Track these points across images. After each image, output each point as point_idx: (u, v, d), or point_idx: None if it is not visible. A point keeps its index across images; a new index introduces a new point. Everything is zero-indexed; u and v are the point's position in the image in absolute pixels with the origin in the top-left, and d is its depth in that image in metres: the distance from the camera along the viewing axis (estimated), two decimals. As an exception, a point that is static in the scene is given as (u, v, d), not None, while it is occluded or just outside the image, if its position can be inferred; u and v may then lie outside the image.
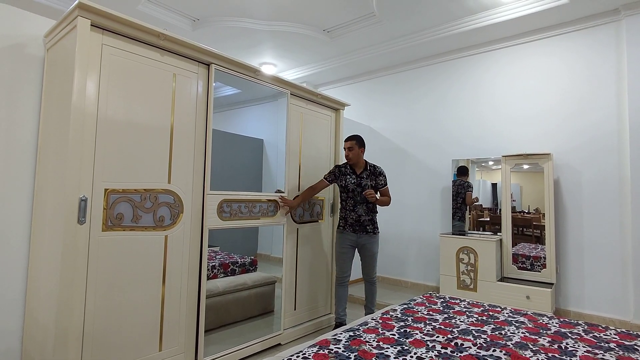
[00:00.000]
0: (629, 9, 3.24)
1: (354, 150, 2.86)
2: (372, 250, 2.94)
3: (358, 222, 2.90)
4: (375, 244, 2.95)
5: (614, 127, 3.34)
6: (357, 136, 2.91)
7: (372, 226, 2.93)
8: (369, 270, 2.97)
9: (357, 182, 2.88)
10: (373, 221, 2.95)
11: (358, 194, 2.88)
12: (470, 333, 1.73)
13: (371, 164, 2.95)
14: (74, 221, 1.72)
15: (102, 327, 1.83)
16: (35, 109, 2.04)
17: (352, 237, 2.93)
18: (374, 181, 2.89)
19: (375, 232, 2.95)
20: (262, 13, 3.87)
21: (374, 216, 2.96)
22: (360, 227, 2.90)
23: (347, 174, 2.92)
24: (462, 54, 4.28)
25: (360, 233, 2.91)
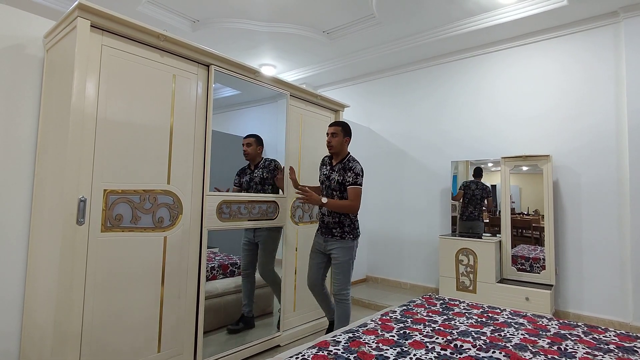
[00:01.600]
0: (627, 12, 3.25)
1: (337, 137, 2.50)
2: (338, 258, 2.46)
3: (323, 222, 2.54)
4: (343, 251, 2.45)
5: (613, 129, 3.34)
6: (343, 122, 2.58)
7: (340, 230, 2.47)
8: (334, 282, 2.50)
9: (327, 174, 2.54)
10: (342, 224, 2.47)
11: (325, 189, 2.55)
12: (469, 334, 1.73)
13: (350, 157, 2.53)
14: (73, 222, 1.72)
15: (100, 328, 1.82)
16: (35, 109, 2.03)
17: (320, 240, 2.58)
18: (342, 176, 2.45)
19: (345, 237, 2.45)
20: (262, 14, 3.87)
21: (342, 218, 2.47)
22: (327, 230, 2.52)
23: (325, 164, 2.61)
24: (461, 56, 4.29)
25: (326, 236, 2.52)
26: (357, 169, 2.44)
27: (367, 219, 4.91)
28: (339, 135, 2.51)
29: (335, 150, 2.53)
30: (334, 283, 2.50)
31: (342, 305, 2.48)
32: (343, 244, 2.46)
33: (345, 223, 2.48)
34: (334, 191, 2.48)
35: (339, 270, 2.47)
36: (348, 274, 2.48)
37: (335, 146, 2.51)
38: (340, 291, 2.47)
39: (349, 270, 2.49)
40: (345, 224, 2.48)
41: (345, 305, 2.48)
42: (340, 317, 2.48)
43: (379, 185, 4.88)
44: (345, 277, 2.47)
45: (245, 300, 2.87)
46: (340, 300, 2.48)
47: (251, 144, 2.85)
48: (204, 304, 2.27)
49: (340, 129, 2.52)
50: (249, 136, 2.88)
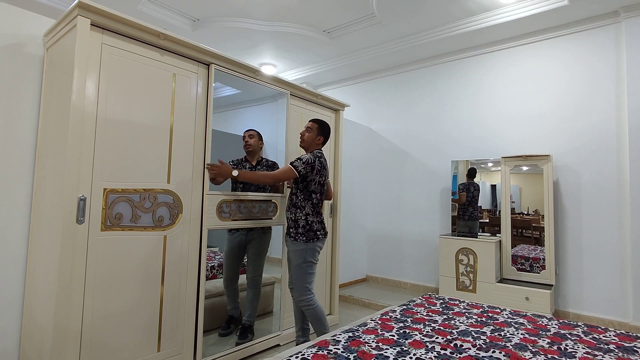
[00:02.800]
0: (628, 11, 3.25)
1: (312, 132, 2.41)
2: (292, 261, 2.32)
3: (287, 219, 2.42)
4: (295, 254, 2.28)
5: (613, 129, 3.34)
6: (322, 121, 2.47)
7: (294, 230, 2.30)
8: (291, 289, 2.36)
9: None
10: (296, 224, 2.30)
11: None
12: (469, 334, 1.73)
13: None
14: (73, 221, 1.72)
15: (100, 327, 1.82)
16: (35, 108, 2.03)
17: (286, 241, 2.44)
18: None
19: (297, 238, 2.27)
20: (262, 13, 3.87)
21: (298, 216, 2.30)
22: (286, 228, 2.42)
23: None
24: (461, 55, 4.28)
25: (286, 236, 2.40)
26: (304, 157, 2.30)
27: (366, 218, 4.91)
28: (314, 131, 2.41)
29: (305, 145, 2.43)
30: (293, 289, 2.34)
31: (308, 312, 2.27)
32: (295, 246, 2.28)
33: (300, 223, 2.29)
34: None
35: (293, 272, 2.31)
36: (303, 278, 2.26)
37: (306, 140, 2.41)
38: (298, 298, 2.27)
39: (303, 274, 2.26)
40: (299, 224, 2.29)
41: (310, 311, 2.26)
42: (313, 323, 2.30)
43: (379, 184, 4.88)
44: (302, 282, 2.26)
45: (233, 304, 2.77)
46: (302, 307, 2.28)
47: (254, 135, 2.79)
48: (204, 303, 2.27)
49: (317, 126, 2.43)
50: (252, 129, 2.83)
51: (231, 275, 2.79)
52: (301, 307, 2.30)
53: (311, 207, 2.34)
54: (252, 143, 2.76)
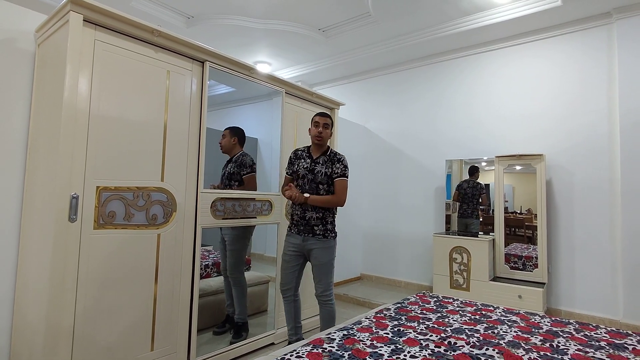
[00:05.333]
0: (620, 12, 3.28)
1: (328, 129, 2.37)
2: (320, 259, 2.30)
3: (303, 219, 2.32)
4: (326, 252, 2.31)
5: (605, 129, 3.38)
6: (330, 115, 2.49)
7: (323, 227, 2.31)
8: (317, 284, 2.35)
9: (310, 167, 2.35)
10: (324, 221, 2.32)
11: (308, 182, 2.33)
12: (463, 332, 1.74)
13: (334, 151, 2.42)
14: (65, 219, 1.70)
15: (93, 326, 1.81)
16: (26, 104, 2.00)
17: (296, 241, 2.35)
18: (329, 168, 2.32)
19: (327, 236, 2.31)
20: (258, 11, 3.85)
21: (326, 215, 2.33)
22: (306, 228, 2.32)
23: (302, 158, 2.42)
24: (456, 55, 4.30)
25: (305, 235, 2.32)
26: (345, 161, 2.37)
27: (361, 216, 4.92)
28: (330, 127, 2.38)
29: (323, 142, 2.38)
30: (317, 285, 2.35)
31: (327, 307, 2.35)
32: (325, 244, 2.31)
33: (328, 220, 2.33)
34: (320, 184, 2.31)
35: (321, 271, 2.33)
36: (331, 275, 2.36)
37: (324, 138, 2.36)
38: (324, 292, 2.34)
39: (332, 271, 2.37)
40: (327, 221, 2.33)
41: (330, 307, 2.35)
42: (325, 318, 2.36)
43: (374, 183, 4.89)
44: (328, 278, 2.34)
45: (229, 300, 2.76)
46: (324, 302, 2.35)
47: (225, 135, 2.73)
48: (198, 302, 2.26)
49: (331, 121, 2.40)
50: (226, 129, 2.76)
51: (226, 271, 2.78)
52: (324, 301, 2.34)
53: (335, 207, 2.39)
54: (223, 143, 2.72)
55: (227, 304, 2.78)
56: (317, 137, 2.35)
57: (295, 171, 2.40)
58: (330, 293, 2.34)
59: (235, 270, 2.71)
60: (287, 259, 2.39)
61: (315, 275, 2.36)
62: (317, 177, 2.32)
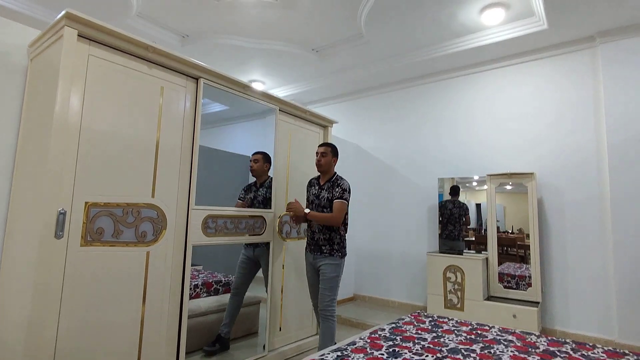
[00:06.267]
0: (603, 36, 3.40)
1: (327, 157, 2.60)
2: (326, 273, 2.47)
3: (313, 240, 2.58)
4: (332, 267, 2.47)
5: (593, 149, 3.44)
6: (331, 144, 2.71)
7: (329, 247, 2.51)
8: (321, 298, 2.47)
9: (317, 193, 2.62)
10: (331, 242, 2.52)
11: (315, 207, 2.59)
12: (459, 352, 1.70)
13: (338, 177, 2.62)
14: (51, 235, 1.65)
15: (76, 348, 1.72)
16: (16, 118, 1.97)
17: (310, 259, 2.60)
18: (330, 193, 2.54)
19: (333, 254, 2.49)
20: (252, 31, 3.91)
21: (333, 235, 2.52)
22: (316, 247, 2.55)
23: (313, 185, 2.70)
24: (447, 76, 4.39)
25: (315, 254, 2.55)
26: (344, 185, 2.55)
27: (354, 235, 4.88)
28: (328, 155, 2.62)
29: (323, 169, 2.62)
30: (321, 299, 2.46)
31: (328, 323, 2.42)
32: (331, 260, 2.49)
33: (335, 241, 2.53)
34: (324, 208, 2.55)
35: (325, 285, 2.46)
36: (335, 290, 2.49)
37: (324, 165, 2.60)
38: (327, 307, 2.44)
39: (336, 286, 2.50)
40: (334, 241, 2.53)
41: (331, 322, 2.43)
42: (325, 334, 2.41)
43: (367, 201, 4.88)
44: (332, 293, 2.46)
45: (227, 319, 2.76)
46: (326, 317, 2.43)
47: (258, 160, 2.87)
48: (187, 323, 2.18)
49: (330, 149, 2.64)
50: (257, 153, 2.90)
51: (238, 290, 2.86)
52: (325, 316, 2.44)
53: (343, 228, 2.58)
54: (255, 168, 2.87)
55: (223, 324, 2.73)
56: (317, 164, 2.62)
57: (307, 197, 2.71)
58: (332, 309, 2.45)
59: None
60: (309, 275, 2.65)
61: (320, 289, 2.49)
62: (321, 202, 2.57)
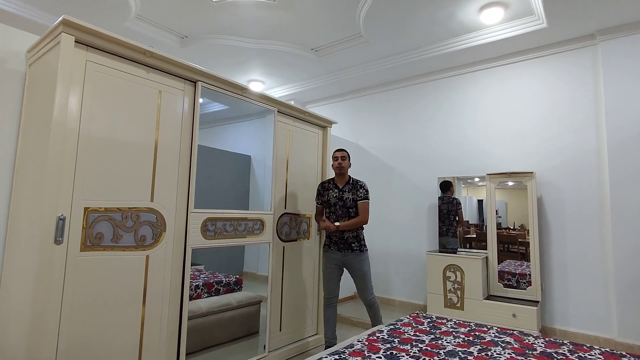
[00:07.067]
0: (603, 34, 3.38)
1: (346, 160, 2.88)
2: (362, 269, 2.80)
3: (342, 239, 2.82)
4: (364, 263, 2.81)
5: (593, 147, 3.43)
6: (345, 149, 2.96)
7: (358, 244, 2.82)
8: (363, 292, 2.83)
9: (339, 195, 2.85)
10: (359, 238, 2.84)
11: (340, 208, 2.82)
12: (456, 355, 1.71)
13: (354, 179, 2.91)
14: (51, 241, 1.66)
15: (77, 351, 1.74)
16: (14, 124, 1.98)
17: (337, 256, 2.83)
18: (354, 194, 2.83)
19: (363, 250, 2.83)
20: (251, 31, 3.91)
21: (359, 232, 2.85)
22: (345, 245, 2.81)
23: (330, 189, 2.90)
24: (446, 75, 4.38)
25: (345, 251, 2.81)
26: (366, 186, 2.90)
27: (355, 234, 4.88)
28: (347, 159, 2.89)
29: (343, 172, 2.87)
30: (366, 292, 2.82)
31: (375, 307, 2.87)
32: (362, 257, 2.81)
33: (361, 237, 2.87)
34: (350, 208, 2.82)
35: (365, 280, 2.81)
36: (371, 281, 2.86)
37: (344, 168, 2.86)
38: (371, 296, 2.84)
39: (370, 277, 2.87)
40: (361, 237, 2.86)
41: (377, 306, 2.89)
42: (376, 315, 2.86)
43: (367, 200, 4.88)
44: (370, 284, 2.85)
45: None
46: (372, 304, 2.85)
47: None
48: (187, 324, 2.20)
49: (347, 153, 2.92)
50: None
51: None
52: (372, 303, 2.85)
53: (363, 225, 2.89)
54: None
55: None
56: (338, 168, 2.86)
57: (326, 201, 2.89)
58: (374, 296, 2.88)
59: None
60: (330, 271, 2.86)
61: (359, 284, 2.84)
62: (346, 203, 2.82)
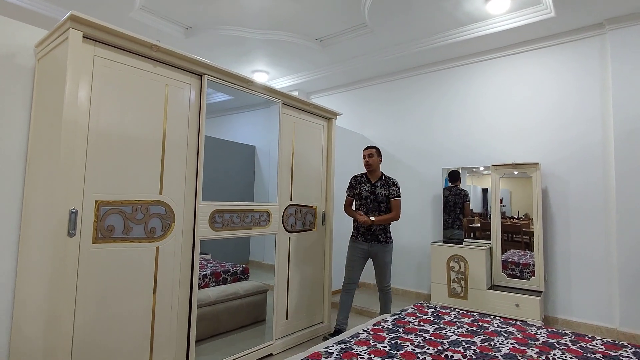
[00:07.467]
0: (612, 23, 3.33)
1: (373, 157, 3.03)
2: (385, 259, 3.01)
3: (369, 231, 3.00)
4: (388, 254, 3.02)
5: (599, 138, 3.42)
6: (375, 146, 3.12)
7: (385, 235, 3.01)
8: (381, 279, 3.05)
9: (371, 189, 3.02)
10: (385, 230, 3.03)
11: (371, 202, 2.99)
12: (460, 344, 1.75)
13: (387, 176, 3.09)
14: (64, 234, 1.71)
15: (91, 340, 1.81)
16: (25, 119, 2.02)
17: (364, 247, 3.02)
18: (387, 190, 3.01)
19: (388, 242, 3.03)
20: (255, 22, 3.89)
21: (386, 225, 3.04)
22: (372, 237, 3.00)
23: (362, 182, 3.09)
24: (452, 64, 4.35)
25: (372, 242, 3.00)
26: (397, 183, 3.09)
27: (359, 224, 4.92)
28: (374, 156, 3.04)
29: (372, 169, 3.05)
30: (383, 279, 3.05)
31: (389, 296, 3.11)
32: (387, 248, 3.02)
33: (387, 229, 3.06)
34: (381, 203, 3.00)
35: (386, 269, 3.03)
36: (390, 271, 3.09)
37: (372, 165, 3.03)
38: (387, 284, 3.08)
39: (391, 267, 3.09)
40: (387, 229, 3.06)
41: (390, 295, 3.12)
42: (388, 303, 3.09)
43: (372, 191, 4.90)
44: (389, 273, 3.08)
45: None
46: (387, 291, 3.09)
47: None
48: (196, 313, 2.26)
49: (375, 150, 3.06)
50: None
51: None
52: (387, 290, 3.08)
53: None
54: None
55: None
56: (367, 165, 3.06)
57: (358, 193, 3.07)
58: (390, 285, 3.11)
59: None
60: (355, 259, 3.05)
61: (378, 272, 3.06)
62: (378, 198, 3.00)
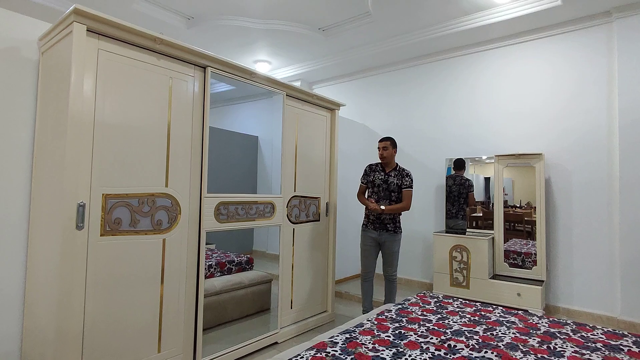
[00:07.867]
0: (620, 12, 3.28)
1: (388, 150, 3.08)
2: (392, 248, 3.07)
3: (379, 220, 3.06)
4: (396, 243, 3.08)
5: (604, 128, 3.40)
6: (390, 138, 3.15)
7: (393, 225, 3.07)
8: (387, 267, 3.12)
9: (384, 178, 3.08)
10: (394, 220, 3.08)
11: (382, 190, 3.05)
12: (462, 334, 1.78)
13: (401, 167, 3.14)
14: (72, 227, 1.74)
15: (101, 330, 1.85)
16: (31, 113, 2.03)
17: (374, 235, 3.09)
18: (400, 180, 3.06)
19: (397, 232, 3.08)
20: (257, 11, 3.85)
21: (396, 215, 3.09)
22: (381, 225, 3.06)
23: (376, 171, 3.14)
24: (455, 54, 4.31)
25: (380, 231, 3.06)
26: (411, 175, 3.12)
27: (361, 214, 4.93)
28: (389, 148, 3.09)
29: (387, 160, 3.10)
30: (389, 268, 3.11)
31: (394, 284, 3.16)
32: (396, 237, 3.08)
33: (397, 219, 3.11)
34: (393, 192, 3.06)
35: (393, 257, 3.09)
36: (397, 260, 3.15)
37: (387, 157, 3.09)
38: (393, 273, 3.13)
39: (398, 257, 3.15)
40: (397, 219, 3.11)
41: (395, 284, 3.18)
42: (392, 291, 3.15)
43: (374, 181, 4.91)
44: (396, 263, 3.13)
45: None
46: (393, 279, 3.14)
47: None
48: (203, 303, 2.30)
49: (389, 143, 3.10)
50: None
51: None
52: (393, 279, 3.14)
53: None
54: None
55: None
56: (381, 157, 3.11)
57: (371, 181, 3.13)
58: (396, 273, 3.16)
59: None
60: (367, 249, 3.12)
61: (386, 260, 3.12)
62: (390, 187, 3.06)
